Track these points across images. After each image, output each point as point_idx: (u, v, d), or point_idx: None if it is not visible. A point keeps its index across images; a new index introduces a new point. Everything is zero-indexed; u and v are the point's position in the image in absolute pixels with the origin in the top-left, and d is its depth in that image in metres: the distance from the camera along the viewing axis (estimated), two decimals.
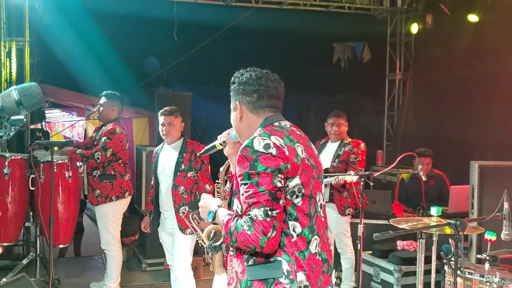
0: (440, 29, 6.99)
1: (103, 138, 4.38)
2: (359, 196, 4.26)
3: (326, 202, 4.66)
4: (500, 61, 6.06)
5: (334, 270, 2.07)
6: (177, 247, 3.95)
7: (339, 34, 7.97)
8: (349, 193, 4.56)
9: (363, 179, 3.87)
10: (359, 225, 3.82)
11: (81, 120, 10.43)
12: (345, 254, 4.71)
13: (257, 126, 1.99)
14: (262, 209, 1.78)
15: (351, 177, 4.02)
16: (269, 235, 1.76)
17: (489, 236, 2.92)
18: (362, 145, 4.61)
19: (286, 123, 2.01)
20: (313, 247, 1.88)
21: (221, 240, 2.44)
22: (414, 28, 7.30)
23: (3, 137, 1.27)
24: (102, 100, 4.57)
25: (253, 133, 1.94)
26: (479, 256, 3.00)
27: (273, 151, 1.82)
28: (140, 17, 7.00)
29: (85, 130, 10.30)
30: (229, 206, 2.11)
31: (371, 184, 4.08)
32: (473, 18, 6.37)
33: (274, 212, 1.78)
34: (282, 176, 1.81)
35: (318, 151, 5.04)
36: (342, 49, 8.18)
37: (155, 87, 7.82)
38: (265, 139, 1.84)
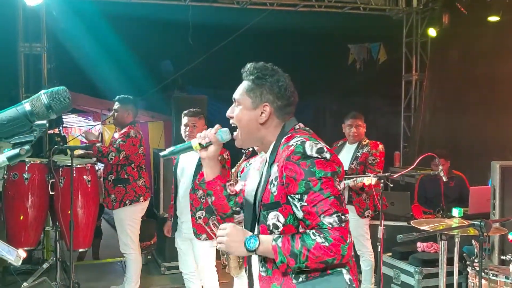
0: (456, 29, 6.91)
1: (118, 140, 4.41)
2: (379, 198, 4.23)
3: (346, 204, 4.63)
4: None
5: None
6: (198, 251, 3.92)
7: (354, 35, 7.94)
8: (368, 195, 4.52)
9: (382, 180, 3.84)
10: (379, 226, 3.78)
11: (98, 125, 10.51)
12: (365, 256, 4.68)
13: (277, 132, 1.86)
14: (334, 215, 1.65)
15: (369, 180, 3.98)
16: (348, 241, 1.65)
17: None
18: (381, 146, 4.57)
19: (303, 126, 1.91)
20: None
21: None
22: (432, 32, 7.23)
23: (33, 141, 1.28)
24: (116, 105, 4.58)
25: (268, 138, 1.85)
26: (503, 257, 2.96)
27: (327, 155, 1.70)
28: (155, 21, 7.05)
29: (101, 135, 10.37)
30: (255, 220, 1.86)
31: (391, 185, 4.03)
32: (493, 18, 6.28)
33: (345, 216, 1.68)
34: (338, 180, 1.72)
35: (336, 153, 5.01)
36: (358, 50, 8.14)
37: (170, 91, 7.85)
38: (317, 144, 1.71)
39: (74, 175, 4.33)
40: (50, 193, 4.40)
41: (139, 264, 4.59)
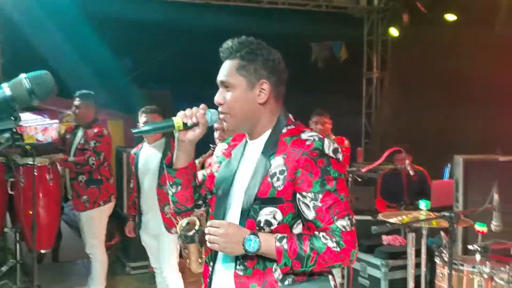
0: (416, 28, 7.11)
1: (93, 142, 4.28)
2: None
3: None
4: (475, 59, 6.19)
5: None
6: (164, 247, 3.90)
7: (316, 34, 8.01)
8: None
9: (351, 175, 3.90)
10: None
11: (55, 123, 10.20)
12: None
13: (272, 118, 1.70)
14: (347, 218, 1.59)
15: None
16: (357, 245, 1.61)
17: (480, 228, 2.97)
18: (346, 142, 4.68)
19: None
20: None
21: (193, 231, 2.40)
22: (394, 31, 7.42)
23: (14, 128, 1.20)
24: (77, 101, 4.42)
25: (263, 122, 1.69)
26: (469, 247, 3.06)
27: (340, 156, 1.63)
28: (114, 17, 6.87)
29: (59, 133, 10.07)
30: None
31: (359, 180, 4.10)
32: (451, 17, 6.50)
33: (354, 219, 1.62)
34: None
35: None
36: (320, 49, 8.22)
37: (130, 88, 7.70)
38: (334, 143, 1.63)
39: (36, 173, 4.18)
40: (10, 192, 4.24)
41: (105, 265, 4.50)
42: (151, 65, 7.72)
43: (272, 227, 1.62)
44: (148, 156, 3.94)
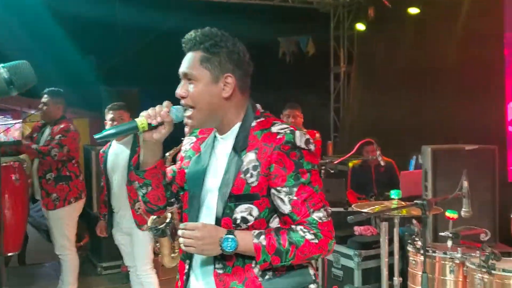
0: (382, 22, 7.23)
1: (58, 136, 4.20)
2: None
3: None
4: (440, 52, 6.35)
5: None
6: (137, 245, 3.85)
7: (283, 28, 8.04)
8: None
9: (323, 167, 3.93)
10: None
11: (18, 123, 9.90)
12: None
13: (240, 111, 1.65)
14: (323, 209, 1.58)
15: None
16: (334, 235, 1.60)
17: (451, 214, 3.05)
18: (317, 135, 4.74)
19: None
20: None
21: (165, 224, 2.37)
22: (360, 26, 7.52)
23: None
24: (45, 98, 4.33)
25: (229, 116, 1.65)
26: (442, 234, 3.13)
27: (312, 147, 1.60)
28: (78, 15, 6.72)
29: (22, 134, 9.78)
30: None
31: (331, 171, 4.15)
32: (414, 10, 6.64)
33: (330, 209, 1.61)
34: None
35: None
36: (287, 44, 8.26)
37: (96, 87, 7.56)
38: (305, 134, 1.60)
39: (1, 173, 4.04)
40: None
41: (76, 266, 4.41)
42: (117, 63, 7.60)
43: (249, 224, 1.60)
44: (116, 153, 3.89)
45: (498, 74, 5.66)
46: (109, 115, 3.83)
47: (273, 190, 1.58)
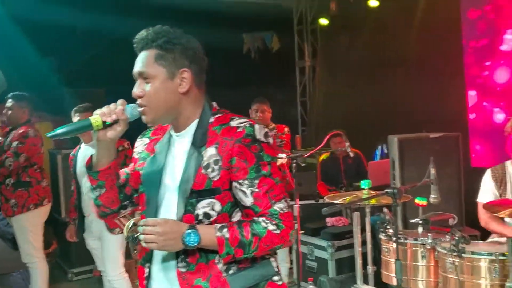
0: (344, 15, 7.33)
1: (15, 143, 4.07)
2: (290, 178, 4.41)
3: None
4: (400, 43, 6.48)
5: None
6: (107, 249, 3.79)
7: (248, 24, 8.04)
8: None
9: (294, 161, 3.96)
10: (294, 205, 3.90)
11: None
12: None
13: (197, 107, 1.66)
14: (283, 200, 1.61)
15: (282, 160, 4.11)
16: (294, 226, 1.64)
17: (420, 201, 3.12)
18: (286, 129, 4.77)
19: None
20: None
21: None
22: (324, 21, 7.61)
23: None
24: (9, 102, 4.23)
25: (186, 113, 1.64)
26: (412, 220, 3.20)
27: (270, 140, 1.64)
28: (38, 18, 6.54)
29: None
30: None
31: (302, 165, 4.19)
32: (373, 3, 6.76)
33: (289, 200, 1.65)
34: None
35: None
36: (251, 39, 8.27)
37: (59, 89, 7.38)
38: (264, 127, 1.63)
39: None
40: None
41: (46, 273, 4.29)
42: (79, 64, 7.44)
43: (212, 219, 1.60)
44: (86, 156, 3.79)
45: (457, 63, 5.83)
46: (75, 118, 3.74)
47: (235, 183, 1.59)
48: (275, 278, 1.68)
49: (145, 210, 1.70)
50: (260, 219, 1.58)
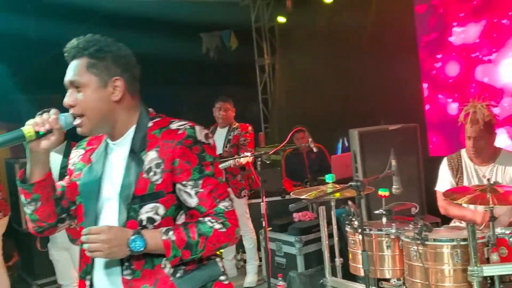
0: (300, 12, 7.41)
1: None
2: (255, 175, 4.46)
3: None
4: (354, 37, 6.60)
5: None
6: (75, 260, 3.71)
7: (205, 24, 8.01)
8: (243, 176, 4.70)
9: (259, 159, 3.98)
10: (261, 203, 3.93)
11: None
12: (247, 235, 4.85)
13: (133, 114, 1.66)
14: (227, 198, 1.65)
15: (247, 158, 4.13)
16: (239, 223, 1.66)
17: (383, 193, 3.20)
18: (250, 128, 4.81)
19: None
20: None
21: None
22: (281, 19, 7.67)
23: None
24: None
25: (122, 120, 1.64)
26: (376, 212, 3.27)
27: (211, 141, 1.66)
28: None
29: None
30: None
31: (267, 162, 4.22)
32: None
33: (232, 199, 1.71)
34: None
35: None
36: (210, 39, 8.25)
37: (11, 96, 7.15)
38: (204, 129, 1.65)
39: None
40: None
41: (7, 286, 4.16)
42: (37, 70, 7.22)
43: (156, 223, 1.59)
44: (50, 162, 3.70)
45: (413, 56, 5.98)
46: None
47: (178, 185, 1.60)
48: (222, 278, 1.69)
49: (83, 221, 1.68)
50: (206, 218, 1.60)
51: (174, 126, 1.62)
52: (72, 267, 3.77)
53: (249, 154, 4.12)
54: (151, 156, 1.59)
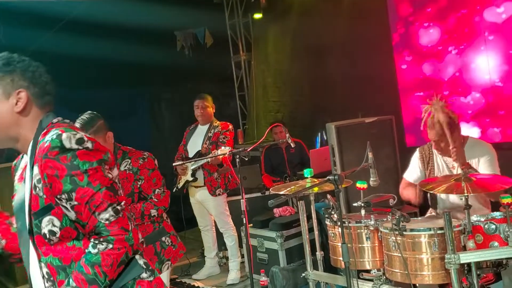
0: (274, 7, 7.42)
1: None
2: (233, 173, 4.48)
3: (200, 186, 4.74)
4: (328, 30, 6.63)
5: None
6: None
7: (179, 22, 7.95)
8: (219, 174, 4.70)
9: (238, 156, 3.99)
10: (241, 200, 3.94)
11: None
12: (228, 232, 4.86)
13: (35, 127, 1.66)
14: (109, 208, 1.56)
15: (224, 151, 4.15)
16: (130, 228, 1.58)
17: (361, 185, 3.22)
18: (230, 126, 4.84)
19: (62, 119, 1.74)
20: None
21: None
22: (257, 15, 7.69)
23: None
24: None
25: (25, 133, 1.66)
26: (355, 204, 3.30)
27: (89, 144, 1.57)
28: None
29: None
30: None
31: (246, 159, 4.22)
32: None
33: (122, 205, 1.59)
34: (108, 168, 1.61)
35: (189, 136, 5.08)
36: (184, 37, 8.19)
37: None
38: (76, 134, 1.56)
39: None
40: None
41: None
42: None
43: (57, 235, 1.58)
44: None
45: (386, 46, 6.05)
46: None
47: (56, 199, 1.57)
48: (144, 275, 1.65)
49: (20, 238, 1.70)
50: (90, 244, 1.55)
51: (46, 138, 1.58)
52: None
53: (227, 148, 4.13)
54: (35, 171, 1.59)
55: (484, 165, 3.27)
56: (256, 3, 7.52)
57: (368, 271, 3.22)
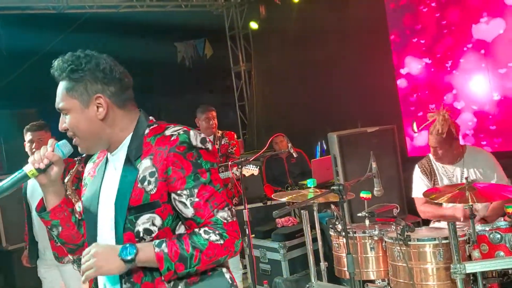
0: (273, 18, 7.46)
1: None
2: (235, 182, 4.47)
3: None
4: (328, 40, 6.66)
5: None
6: (69, 279, 3.60)
7: (179, 33, 8.02)
8: (233, 184, 4.68)
9: (239, 166, 3.98)
10: (243, 211, 3.92)
11: None
12: None
13: (129, 123, 1.62)
14: (226, 208, 1.54)
15: (253, 171, 4.13)
16: (240, 235, 1.55)
17: (365, 195, 3.22)
18: (235, 136, 4.83)
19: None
20: None
21: None
22: (254, 25, 7.72)
23: None
24: None
25: (117, 133, 1.61)
26: (359, 214, 3.30)
27: (210, 146, 1.57)
28: None
29: None
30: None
31: (257, 174, 4.23)
32: None
33: (233, 209, 1.58)
34: None
35: None
36: (185, 48, 8.25)
37: None
38: (200, 133, 1.56)
39: None
40: None
41: None
42: (6, 84, 7.10)
43: (153, 235, 1.53)
44: (35, 180, 3.62)
45: (386, 57, 6.08)
46: (27, 137, 3.52)
47: (173, 195, 1.53)
48: None
49: (86, 236, 1.69)
50: (202, 230, 1.51)
51: (168, 132, 1.55)
52: (60, 285, 3.68)
53: (255, 168, 4.11)
54: (145, 165, 1.54)
55: (495, 178, 3.29)
56: (256, 14, 7.56)
57: (372, 282, 3.21)
